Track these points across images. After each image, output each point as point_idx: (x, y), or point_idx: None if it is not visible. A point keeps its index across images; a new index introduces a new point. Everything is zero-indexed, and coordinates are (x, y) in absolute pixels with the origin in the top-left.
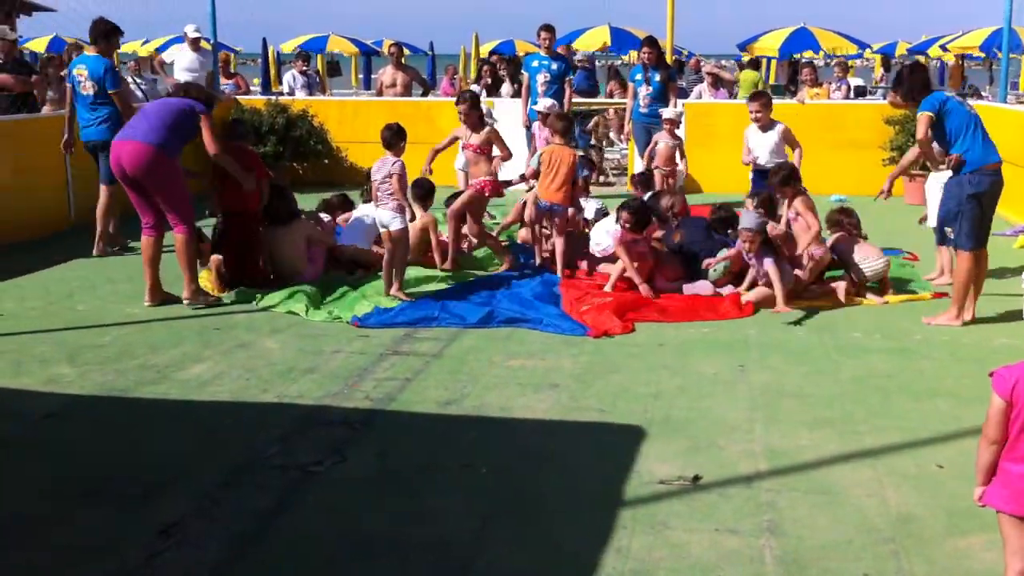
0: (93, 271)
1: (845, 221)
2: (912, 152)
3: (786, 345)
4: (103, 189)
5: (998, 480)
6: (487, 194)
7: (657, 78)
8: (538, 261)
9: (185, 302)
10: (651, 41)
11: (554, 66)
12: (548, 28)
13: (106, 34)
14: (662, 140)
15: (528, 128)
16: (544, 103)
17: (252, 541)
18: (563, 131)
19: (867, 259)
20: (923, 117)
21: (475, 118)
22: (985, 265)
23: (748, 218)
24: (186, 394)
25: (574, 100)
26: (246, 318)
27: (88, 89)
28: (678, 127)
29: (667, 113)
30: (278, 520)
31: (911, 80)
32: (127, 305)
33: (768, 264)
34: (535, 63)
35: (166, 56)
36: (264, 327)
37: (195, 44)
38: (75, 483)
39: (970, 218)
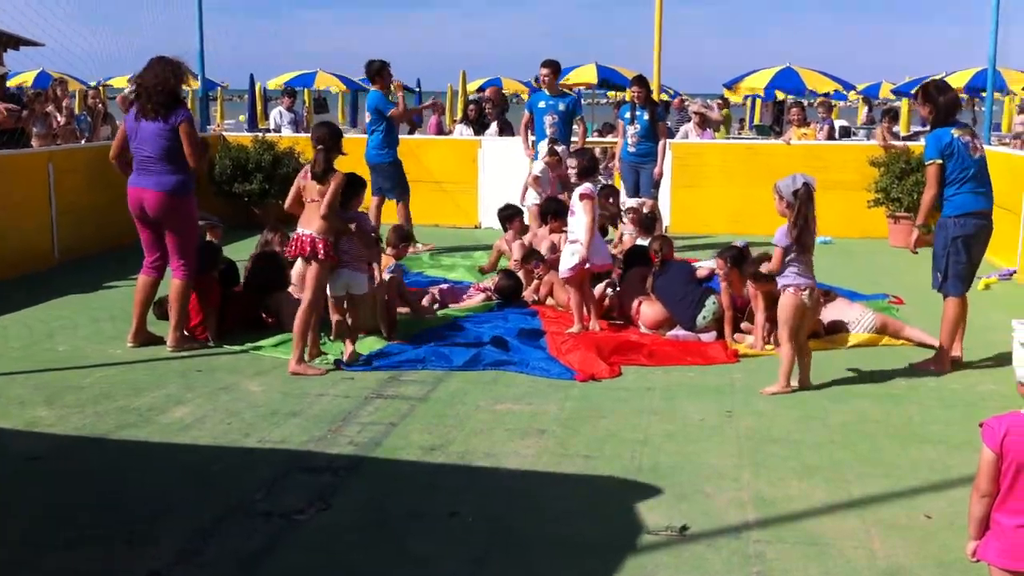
0: (76, 311)
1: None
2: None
3: (760, 391)
4: (374, 199)
5: (991, 534)
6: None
7: (645, 117)
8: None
9: (169, 349)
10: (640, 80)
11: (561, 106)
12: (548, 64)
13: (378, 71)
14: (626, 232)
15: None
16: (560, 149)
17: None
18: None
19: (859, 320)
20: (933, 168)
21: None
22: (966, 308)
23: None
24: (168, 438)
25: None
26: (229, 360)
27: (367, 118)
28: (652, 220)
29: (631, 202)
30: (262, 569)
31: (946, 102)
32: (109, 346)
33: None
34: (541, 103)
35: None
36: (247, 369)
37: None
38: (54, 529)
39: (955, 262)
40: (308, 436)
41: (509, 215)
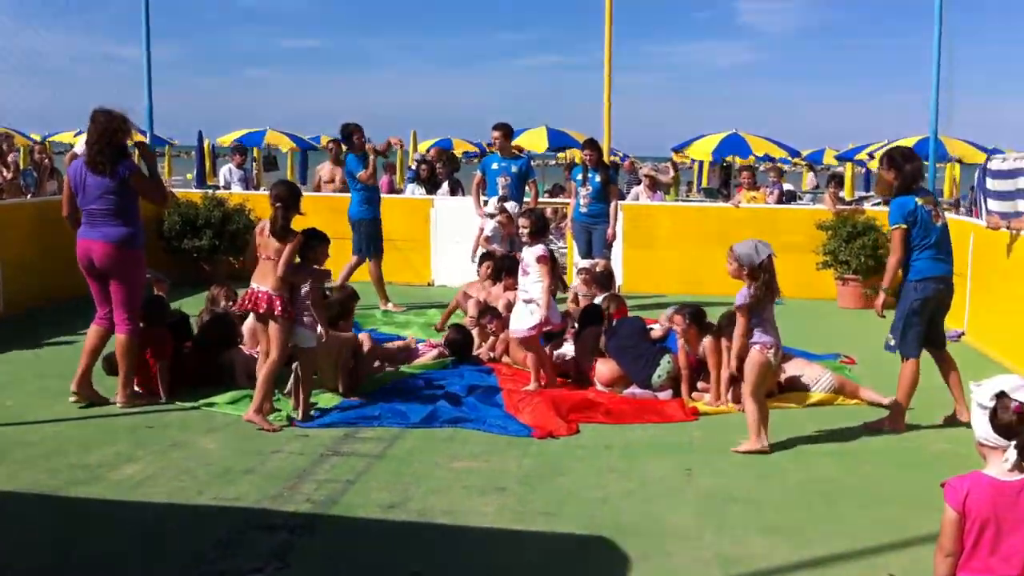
0: (23, 365)
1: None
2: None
3: (731, 448)
4: (354, 258)
5: None
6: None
7: (597, 179)
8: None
9: (118, 406)
10: (591, 143)
11: (514, 168)
12: (499, 127)
13: (349, 135)
14: (580, 292)
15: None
16: (509, 207)
17: None
18: None
19: (817, 380)
20: (898, 233)
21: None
22: (953, 364)
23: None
24: (119, 495)
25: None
26: (180, 417)
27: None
28: (607, 278)
29: (583, 263)
30: None
31: (912, 170)
32: (57, 402)
33: (707, 341)
34: (495, 165)
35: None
36: (200, 426)
37: None
38: None
39: (914, 324)
40: (263, 494)
41: (481, 259)
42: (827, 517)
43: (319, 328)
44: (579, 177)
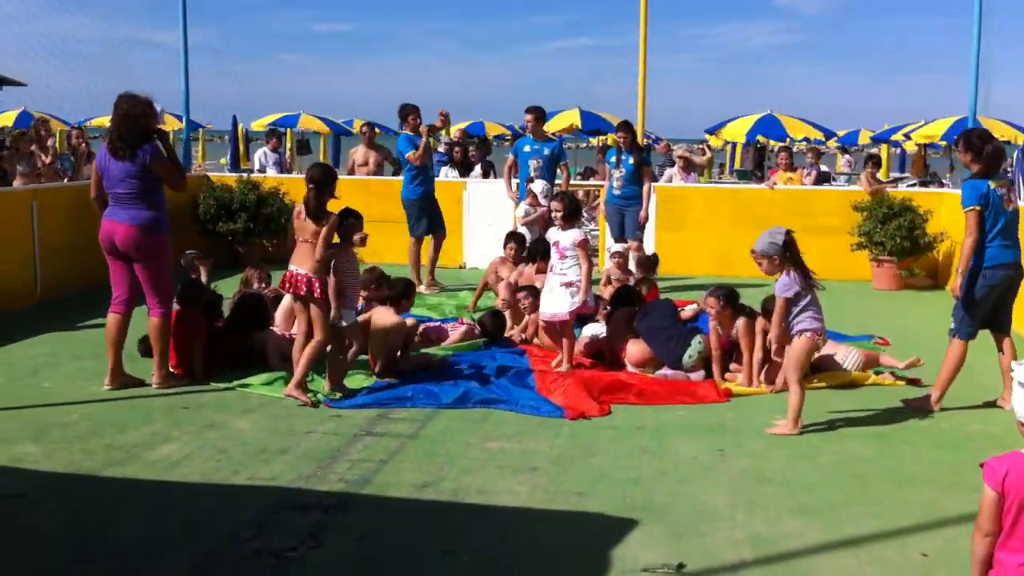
0: (59, 347)
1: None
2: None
3: (764, 429)
4: (412, 241)
5: (994, 573)
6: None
7: (630, 161)
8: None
9: (154, 386)
10: (626, 125)
11: (546, 151)
12: (532, 110)
13: (405, 116)
14: (613, 275)
15: (517, 202)
16: (536, 186)
17: None
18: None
19: (846, 358)
20: (972, 215)
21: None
22: (1013, 353)
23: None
24: (156, 475)
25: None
26: (215, 397)
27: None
28: (651, 263)
29: (616, 247)
30: None
31: (994, 151)
32: (93, 383)
33: (740, 323)
34: (527, 148)
35: None
36: (235, 406)
37: None
38: (39, 570)
39: (974, 309)
40: (298, 473)
41: (506, 239)
42: (860, 498)
43: (355, 308)
44: (613, 159)
